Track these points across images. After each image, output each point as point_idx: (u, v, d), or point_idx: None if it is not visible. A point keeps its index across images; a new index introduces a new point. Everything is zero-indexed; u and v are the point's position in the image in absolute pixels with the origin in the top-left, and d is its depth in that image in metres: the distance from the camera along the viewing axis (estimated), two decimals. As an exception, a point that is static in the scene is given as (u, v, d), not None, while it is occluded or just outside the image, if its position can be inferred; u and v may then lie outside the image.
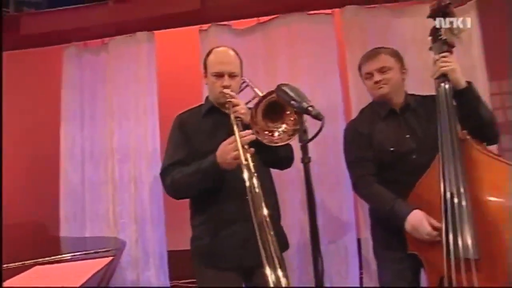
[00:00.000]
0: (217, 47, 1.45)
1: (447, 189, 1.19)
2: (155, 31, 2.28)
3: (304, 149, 0.90)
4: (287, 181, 2.05)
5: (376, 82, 1.47)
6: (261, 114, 1.15)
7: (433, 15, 1.50)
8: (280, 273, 0.90)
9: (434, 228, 1.20)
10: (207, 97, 1.46)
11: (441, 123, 1.29)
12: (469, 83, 1.35)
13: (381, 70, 1.48)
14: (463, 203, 1.15)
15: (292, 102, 0.95)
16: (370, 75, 1.49)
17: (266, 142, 1.14)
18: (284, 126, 1.16)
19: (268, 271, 0.90)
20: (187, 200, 1.41)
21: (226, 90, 1.33)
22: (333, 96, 2.14)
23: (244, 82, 1.48)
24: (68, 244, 1.84)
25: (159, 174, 1.37)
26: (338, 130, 1.68)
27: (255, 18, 2.26)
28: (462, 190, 1.16)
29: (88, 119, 2.29)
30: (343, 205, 2.08)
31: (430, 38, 1.49)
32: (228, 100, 1.30)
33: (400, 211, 1.29)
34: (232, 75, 1.37)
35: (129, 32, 2.28)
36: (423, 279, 1.35)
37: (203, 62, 1.43)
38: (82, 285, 1.01)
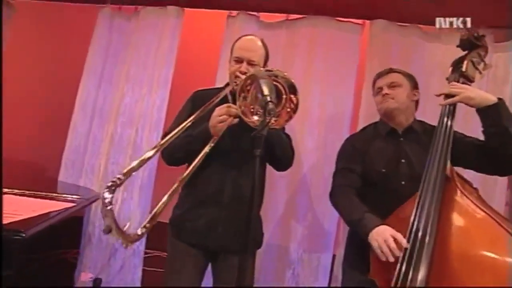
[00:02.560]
0: (247, 35, 1.48)
1: (416, 221, 1.14)
2: (185, 8, 2.34)
3: (256, 142, 0.90)
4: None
5: (384, 95, 1.43)
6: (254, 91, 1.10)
7: (461, 45, 1.42)
8: None
9: (397, 243, 1.12)
10: (227, 82, 1.46)
11: (431, 155, 1.24)
12: (500, 99, 1.24)
13: (391, 85, 1.45)
14: (427, 238, 1.09)
15: (259, 94, 1.00)
16: (380, 89, 1.47)
17: (246, 119, 1.14)
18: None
19: None
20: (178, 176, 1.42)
21: (240, 75, 1.31)
22: (343, 105, 2.10)
23: None
24: (53, 186, 1.94)
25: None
26: (340, 139, 1.61)
27: (284, 14, 2.25)
28: (429, 226, 1.11)
29: (106, 79, 2.39)
30: (326, 217, 2.03)
31: (450, 68, 1.42)
32: (237, 85, 1.26)
33: (368, 223, 1.22)
34: (251, 63, 1.37)
35: (161, 4, 2.35)
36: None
37: (231, 47, 1.46)
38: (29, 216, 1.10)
